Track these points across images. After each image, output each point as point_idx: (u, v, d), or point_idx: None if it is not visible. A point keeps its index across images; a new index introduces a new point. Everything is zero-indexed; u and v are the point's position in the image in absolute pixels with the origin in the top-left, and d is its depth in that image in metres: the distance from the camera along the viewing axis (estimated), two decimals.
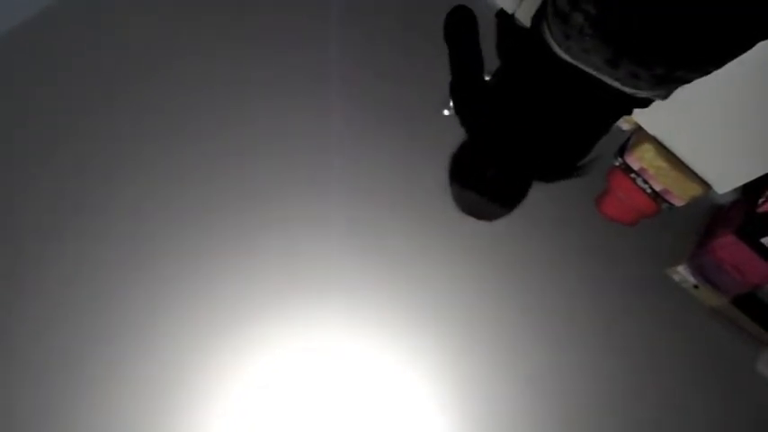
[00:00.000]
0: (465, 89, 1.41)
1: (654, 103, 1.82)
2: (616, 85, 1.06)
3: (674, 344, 1.95)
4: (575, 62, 1.05)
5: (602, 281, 1.99)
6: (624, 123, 2.05)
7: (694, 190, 1.91)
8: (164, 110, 1.95)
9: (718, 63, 1.02)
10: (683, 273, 1.98)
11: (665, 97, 1.11)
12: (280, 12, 2.16)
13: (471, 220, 1.92)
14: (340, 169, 1.98)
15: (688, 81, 1.05)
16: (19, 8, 1.96)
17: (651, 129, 1.91)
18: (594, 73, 1.05)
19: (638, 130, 1.98)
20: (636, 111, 1.91)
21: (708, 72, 1.04)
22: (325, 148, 2.00)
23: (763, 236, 1.74)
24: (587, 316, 1.94)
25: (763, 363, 1.96)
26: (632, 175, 1.95)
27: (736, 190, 1.97)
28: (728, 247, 1.80)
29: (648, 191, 1.95)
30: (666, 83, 1.05)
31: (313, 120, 2.03)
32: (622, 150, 2.01)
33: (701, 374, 1.93)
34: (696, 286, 1.98)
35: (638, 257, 2.04)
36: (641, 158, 1.91)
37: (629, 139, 2.03)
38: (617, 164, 2.00)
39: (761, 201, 1.82)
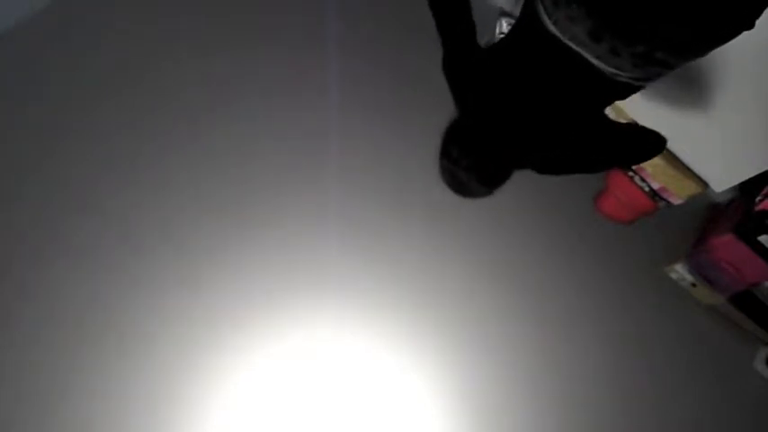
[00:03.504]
0: (458, 63, 1.38)
1: (652, 102, 1.84)
2: (597, 62, 1.06)
3: (671, 342, 1.96)
4: (559, 35, 1.06)
5: (599, 279, 2.00)
6: (622, 122, 2.05)
7: (692, 188, 1.92)
8: (162, 109, 1.95)
9: (699, 49, 1.02)
10: (680, 271, 1.99)
11: (646, 81, 1.11)
12: (280, 12, 2.17)
13: (469, 219, 1.93)
14: (339, 168, 1.99)
15: (670, 67, 1.06)
16: (18, 8, 1.96)
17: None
18: (578, 48, 1.06)
19: None
20: (635, 110, 1.92)
21: (688, 59, 1.04)
22: (324, 147, 2.00)
23: (761, 234, 1.75)
24: (585, 314, 1.94)
25: (761, 360, 1.97)
26: (630, 174, 1.96)
27: (733, 188, 1.98)
28: (726, 245, 1.80)
29: (646, 189, 1.95)
30: (647, 65, 1.05)
31: (312, 118, 2.03)
32: None
33: (699, 372, 1.94)
34: (694, 284, 1.98)
35: (636, 255, 2.05)
36: None
37: None
38: None
39: (758, 199, 1.83)
